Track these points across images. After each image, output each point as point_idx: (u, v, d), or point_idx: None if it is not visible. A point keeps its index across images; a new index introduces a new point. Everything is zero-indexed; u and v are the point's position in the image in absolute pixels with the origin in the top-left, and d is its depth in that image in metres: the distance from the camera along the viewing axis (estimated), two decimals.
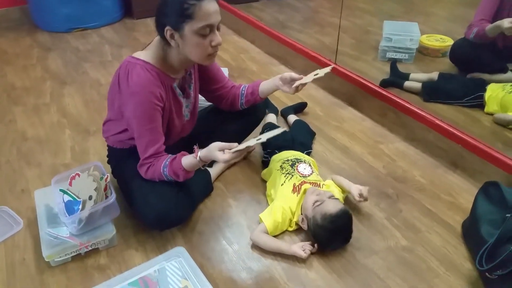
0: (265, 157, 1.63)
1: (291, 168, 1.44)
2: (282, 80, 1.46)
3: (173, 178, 1.27)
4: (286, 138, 1.65)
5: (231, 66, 2.47)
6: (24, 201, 1.50)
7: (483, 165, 1.55)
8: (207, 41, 1.19)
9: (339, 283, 1.21)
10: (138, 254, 1.30)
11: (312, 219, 1.27)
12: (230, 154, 1.19)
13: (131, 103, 1.22)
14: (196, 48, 1.20)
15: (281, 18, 3.08)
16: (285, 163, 1.47)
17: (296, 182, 1.39)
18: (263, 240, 1.30)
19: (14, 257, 1.30)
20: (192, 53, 1.22)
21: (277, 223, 1.32)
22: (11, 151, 1.77)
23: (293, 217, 1.35)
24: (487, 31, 1.97)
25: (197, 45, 1.20)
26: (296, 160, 1.48)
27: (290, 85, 1.45)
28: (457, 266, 1.26)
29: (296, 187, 1.38)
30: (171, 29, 1.18)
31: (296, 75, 1.44)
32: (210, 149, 1.21)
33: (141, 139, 1.26)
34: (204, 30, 1.17)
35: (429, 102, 1.99)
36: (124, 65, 1.23)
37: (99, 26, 3.03)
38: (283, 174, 1.43)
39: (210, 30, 1.18)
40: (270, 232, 1.32)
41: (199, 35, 1.17)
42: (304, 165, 1.46)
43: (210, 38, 1.20)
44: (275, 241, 1.31)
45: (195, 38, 1.18)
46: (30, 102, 2.12)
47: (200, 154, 1.22)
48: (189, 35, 1.17)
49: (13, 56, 2.62)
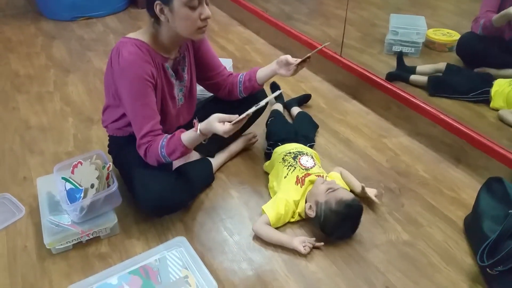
0: (268, 149, 1.63)
1: (293, 161, 1.44)
2: (279, 63, 1.45)
3: (171, 158, 1.26)
4: (289, 130, 1.64)
5: (236, 57, 2.45)
6: (26, 189, 1.50)
7: (487, 161, 1.54)
8: (196, 14, 1.21)
9: (339, 276, 1.21)
10: (139, 243, 1.31)
11: (324, 203, 1.26)
12: (230, 125, 1.18)
13: (122, 80, 1.22)
14: (186, 21, 1.21)
15: (287, 9, 3.05)
16: (287, 155, 1.47)
17: (300, 174, 1.39)
18: (265, 231, 1.30)
19: (15, 244, 1.30)
20: (182, 26, 1.22)
21: (280, 215, 1.32)
22: (14, 138, 1.77)
23: (296, 208, 1.35)
24: (494, 21, 1.95)
25: (186, 18, 1.20)
26: (298, 153, 1.48)
27: (287, 68, 1.44)
28: (458, 261, 1.25)
29: (300, 179, 1.38)
30: (160, 3, 1.18)
31: (292, 59, 1.43)
32: (209, 120, 1.21)
33: (135, 118, 1.26)
34: (193, 2, 1.18)
35: (435, 96, 1.97)
36: (116, 46, 1.24)
37: (104, 15, 3.02)
38: (286, 166, 1.43)
39: (198, 3, 1.20)
40: (272, 224, 1.32)
41: (188, 7, 1.19)
42: (306, 158, 1.46)
43: (199, 11, 1.21)
44: (277, 233, 1.31)
45: (184, 10, 1.19)
46: (33, 90, 2.12)
47: (200, 127, 1.22)
48: (178, 8, 1.18)
49: (17, 44, 2.62)
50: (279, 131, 1.64)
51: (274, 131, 1.65)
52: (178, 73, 1.38)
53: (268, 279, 1.20)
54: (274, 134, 1.63)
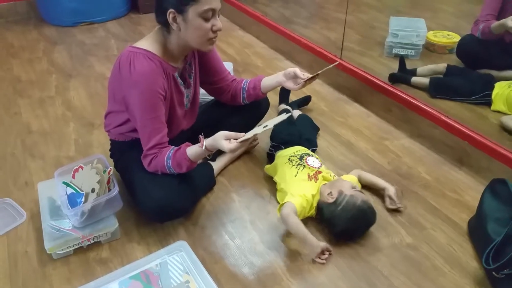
0: (270, 150, 1.62)
1: (300, 161, 1.44)
2: (286, 75, 1.45)
3: (176, 170, 1.26)
4: (293, 133, 1.63)
5: (236, 61, 2.45)
6: (28, 194, 1.50)
7: (489, 162, 1.53)
8: (209, 25, 1.22)
9: (342, 280, 1.20)
10: (140, 248, 1.30)
11: (350, 196, 1.28)
12: (236, 143, 1.18)
13: (134, 93, 1.21)
14: (198, 31, 1.22)
15: (287, 13, 3.05)
16: (292, 156, 1.47)
17: (310, 172, 1.39)
18: (295, 222, 1.24)
19: (16, 249, 1.30)
20: (194, 36, 1.23)
21: (302, 208, 1.31)
22: (15, 143, 1.77)
23: (314, 202, 1.35)
24: (493, 28, 1.95)
25: (199, 28, 1.21)
26: (304, 154, 1.48)
27: (294, 81, 1.44)
28: (463, 265, 1.24)
29: (312, 176, 1.38)
30: (174, 12, 1.18)
31: (300, 73, 1.42)
32: (215, 138, 1.21)
33: (144, 129, 1.26)
34: (207, 14, 1.19)
35: (436, 98, 1.97)
36: (126, 54, 1.22)
37: (105, 20, 3.03)
38: (294, 166, 1.42)
39: (212, 15, 1.21)
40: (298, 213, 1.29)
41: (202, 18, 1.19)
42: (312, 158, 1.46)
43: (212, 22, 1.22)
44: (304, 228, 1.25)
45: (198, 21, 1.19)
46: (35, 95, 2.12)
47: (206, 143, 1.22)
48: (193, 18, 1.19)
49: (20, 49, 2.63)
50: (284, 131, 1.63)
51: (279, 131, 1.63)
52: (186, 81, 1.38)
53: (270, 283, 1.19)
54: (279, 134, 1.61)
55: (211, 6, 1.19)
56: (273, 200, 1.47)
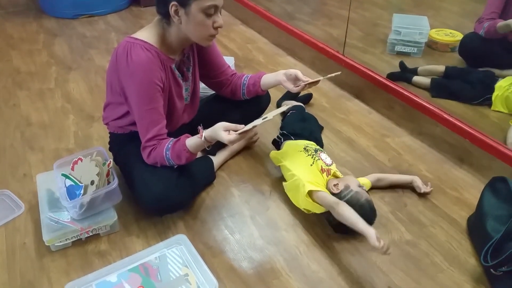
0: (278, 137, 1.60)
1: (315, 153, 1.43)
2: (287, 76, 1.43)
3: (175, 162, 1.26)
4: (305, 128, 1.61)
5: (238, 56, 2.44)
6: (26, 185, 1.49)
7: (490, 161, 1.52)
8: (210, 21, 1.21)
9: (341, 276, 1.20)
10: (139, 241, 1.29)
11: (355, 192, 1.29)
12: (236, 135, 1.18)
13: (131, 83, 1.21)
14: (200, 27, 1.21)
15: (289, 9, 3.04)
16: (308, 146, 1.46)
17: (323, 166, 1.39)
18: (350, 211, 1.22)
19: (14, 241, 1.29)
20: (194, 31, 1.22)
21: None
22: (14, 135, 1.76)
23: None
24: (499, 28, 1.94)
25: (201, 24, 1.20)
26: (317, 149, 1.48)
27: (294, 83, 1.42)
28: (461, 262, 1.24)
29: (324, 169, 1.38)
30: (176, 5, 1.17)
31: (302, 75, 1.41)
32: (215, 129, 1.20)
33: (142, 121, 1.25)
34: (210, 10, 1.19)
35: (437, 98, 1.96)
36: (123, 45, 1.22)
37: (106, 13, 3.02)
38: (310, 155, 1.42)
39: (214, 11, 1.20)
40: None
41: (205, 14, 1.19)
42: (325, 155, 1.46)
43: (214, 19, 1.21)
44: (357, 215, 1.22)
45: (200, 16, 1.19)
46: (34, 87, 2.11)
47: (205, 134, 1.21)
48: (195, 12, 1.18)
49: (19, 41, 2.61)
50: (296, 123, 1.61)
51: (291, 122, 1.62)
52: (184, 74, 1.38)
53: (269, 278, 1.19)
54: (291, 125, 1.60)
55: (214, 3, 1.18)
56: (273, 196, 1.47)
